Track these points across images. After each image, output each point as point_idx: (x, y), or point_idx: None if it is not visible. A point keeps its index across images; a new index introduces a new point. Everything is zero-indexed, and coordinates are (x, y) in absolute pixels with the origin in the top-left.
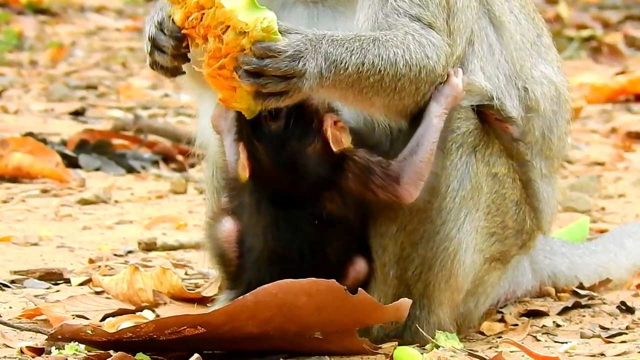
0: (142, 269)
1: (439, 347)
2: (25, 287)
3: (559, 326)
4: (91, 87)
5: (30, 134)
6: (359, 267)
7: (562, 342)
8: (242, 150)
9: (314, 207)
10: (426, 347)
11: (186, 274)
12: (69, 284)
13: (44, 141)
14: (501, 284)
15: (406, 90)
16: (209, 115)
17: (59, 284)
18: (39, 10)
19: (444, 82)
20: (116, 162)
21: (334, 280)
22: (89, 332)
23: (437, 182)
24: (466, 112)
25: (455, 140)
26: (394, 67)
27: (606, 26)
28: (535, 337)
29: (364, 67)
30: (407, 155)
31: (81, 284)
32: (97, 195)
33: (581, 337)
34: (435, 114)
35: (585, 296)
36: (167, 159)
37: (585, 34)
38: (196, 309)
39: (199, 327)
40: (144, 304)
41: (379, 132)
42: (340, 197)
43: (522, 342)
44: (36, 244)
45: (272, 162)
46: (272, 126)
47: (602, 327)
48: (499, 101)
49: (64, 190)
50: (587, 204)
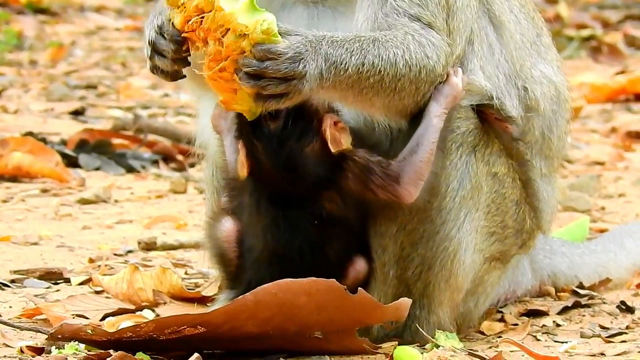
0: (142, 269)
1: (439, 346)
2: (25, 287)
3: (559, 326)
4: (91, 87)
5: (30, 134)
6: (358, 267)
7: (562, 342)
8: (241, 148)
9: (314, 206)
10: (426, 346)
11: (186, 273)
12: (69, 284)
13: (43, 141)
14: (501, 283)
15: (406, 90)
16: (209, 115)
17: (58, 284)
18: (38, 9)
19: (443, 82)
20: (116, 161)
21: (334, 279)
22: (89, 331)
23: (437, 182)
24: (466, 112)
25: (455, 139)
26: (394, 67)
27: (606, 26)
28: (535, 336)
29: (364, 67)
30: (407, 155)
31: (81, 284)
32: (97, 194)
33: (581, 337)
34: (435, 113)
35: (585, 296)
36: (167, 158)
37: (585, 33)
38: (196, 309)
39: (199, 327)
40: (143, 304)
41: (379, 132)
42: (340, 197)
43: (522, 342)
44: (36, 244)
45: (270, 161)
46: (271, 125)
47: (602, 327)
48: (499, 101)
49: (64, 189)
50: (587, 203)
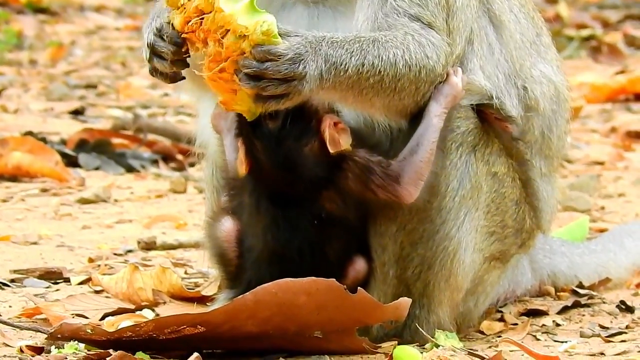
0: (142, 268)
1: (439, 346)
2: (24, 286)
3: (558, 325)
4: (91, 86)
5: (29, 133)
6: (358, 267)
7: (562, 342)
8: (240, 146)
9: (314, 206)
10: (426, 346)
11: (186, 273)
12: (69, 283)
13: (43, 140)
14: (501, 283)
15: (406, 90)
16: (209, 114)
17: (58, 283)
18: (38, 9)
19: (443, 82)
20: (116, 161)
21: (334, 279)
22: (89, 331)
23: (437, 182)
24: (466, 111)
25: (454, 139)
26: (394, 67)
27: (606, 25)
28: (534, 336)
29: (364, 68)
30: (407, 155)
31: (81, 283)
32: (97, 194)
33: (581, 337)
34: (435, 113)
35: (584, 295)
36: (167, 158)
37: (585, 33)
38: (196, 308)
39: (199, 326)
40: (143, 303)
41: (379, 132)
42: (340, 197)
43: (522, 342)
44: (36, 243)
45: (269, 160)
46: (270, 125)
47: (601, 327)
48: (499, 100)
49: (64, 189)
50: (586, 203)
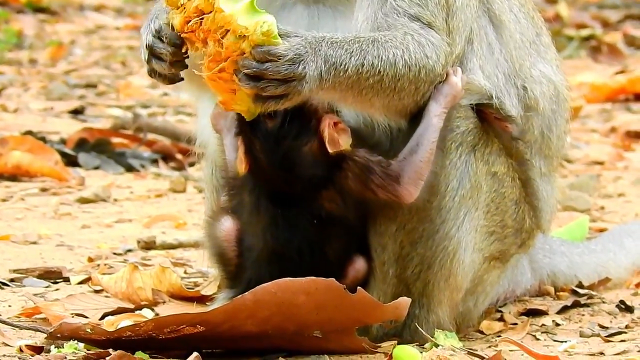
0: (142, 268)
1: (438, 346)
2: (24, 286)
3: (558, 325)
4: (90, 86)
5: (29, 133)
6: (358, 266)
7: (562, 341)
8: (240, 145)
9: (313, 206)
10: (425, 346)
11: (185, 272)
12: (68, 283)
13: (43, 140)
14: (500, 282)
15: (406, 90)
16: (208, 114)
17: (58, 283)
18: (38, 8)
19: (443, 81)
20: (115, 160)
21: (333, 279)
22: (88, 330)
23: (437, 181)
24: (465, 111)
25: (454, 139)
26: (394, 67)
27: (606, 25)
28: (534, 336)
29: (364, 68)
30: (407, 154)
31: (80, 283)
32: (97, 193)
33: (580, 336)
34: (434, 113)
35: (584, 295)
36: (167, 157)
37: (584, 33)
38: (195, 308)
39: (198, 326)
40: (143, 303)
41: (379, 132)
42: (339, 197)
43: (522, 341)
44: (35, 243)
45: (268, 159)
46: (269, 124)
47: (601, 326)
48: (498, 100)
49: (63, 188)
50: (586, 203)
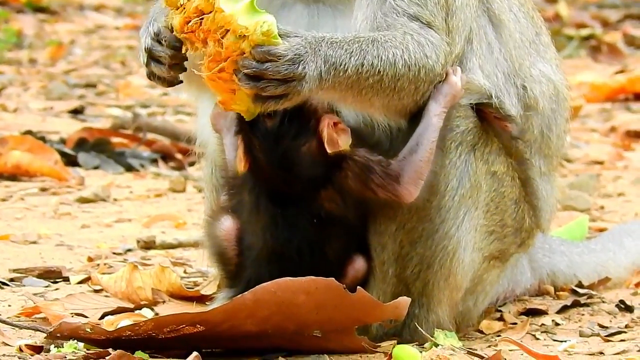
0: (141, 267)
1: (438, 345)
2: (24, 285)
3: (558, 325)
4: (90, 86)
5: (29, 132)
6: (358, 266)
7: (561, 341)
8: (239, 143)
9: (313, 205)
10: (425, 345)
11: (185, 272)
12: (68, 282)
13: (43, 139)
14: (500, 282)
15: (405, 90)
16: (208, 113)
17: (57, 282)
18: (38, 8)
19: (442, 81)
20: (115, 160)
21: (333, 278)
22: (88, 330)
23: (436, 181)
24: (465, 111)
25: (454, 138)
26: (393, 67)
27: (605, 25)
28: (534, 335)
29: (363, 68)
30: (407, 154)
31: (80, 282)
32: (96, 193)
33: (580, 336)
34: (434, 112)
35: (584, 295)
36: (166, 157)
37: (584, 32)
38: (195, 308)
39: (198, 326)
40: (142, 302)
41: (379, 132)
42: (339, 196)
43: (521, 341)
44: (35, 242)
45: (266, 158)
46: (268, 123)
47: (601, 326)
48: (498, 99)
49: (63, 188)
50: (586, 202)
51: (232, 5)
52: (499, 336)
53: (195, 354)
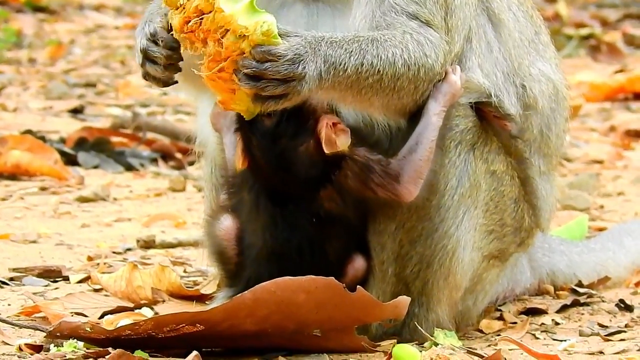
0: (141, 267)
1: (438, 344)
2: (24, 285)
3: (557, 324)
4: (90, 85)
5: (29, 132)
6: (357, 265)
7: (561, 340)
8: (238, 142)
9: (313, 205)
10: (425, 344)
11: (185, 271)
12: (68, 282)
13: (42, 139)
14: (500, 281)
15: (405, 89)
16: (208, 113)
17: (57, 282)
18: (37, 8)
19: (442, 80)
20: (115, 159)
21: (333, 277)
22: (88, 329)
23: (436, 180)
24: (464, 110)
25: (453, 137)
26: (393, 67)
27: (605, 24)
28: (534, 335)
29: (363, 67)
30: (407, 153)
31: (80, 282)
32: (96, 192)
33: (580, 335)
34: (433, 112)
35: (584, 294)
36: (166, 156)
37: (584, 32)
38: (195, 307)
39: (198, 325)
40: (142, 302)
41: (378, 131)
42: (339, 195)
43: (521, 340)
44: (35, 242)
45: (264, 157)
46: (266, 122)
47: (601, 325)
48: (497, 98)
49: (63, 187)
50: (586, 202)
51: (232, 5)
52: (499, 335)
53: (195, 353)
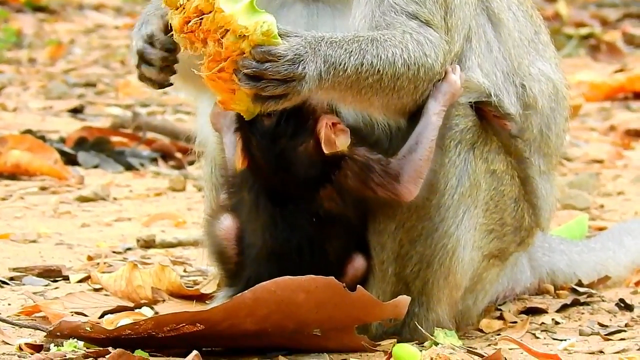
0: (141, 266)
1: (438, 344)
2: (24, 284)
3: (557, 323)
4: (90, 85)
5: (29, 132)
6: (357, 265)
7: (561, 340)
8: (238, 141)
9: (313, 204)
10: (425, 344)
11: (185, 271)
12: (68, 281)
13: (42, 138)
14: (500, 281)
15: (405, 89)
16: (208, 113)
17: (57, 281)
18: (37, 8)
19: (442, 80)
20: (115, 159)
21: (333, 277)
22: (88, 329)
23: (436, 179)
24: (464, 109)
25: (453, 137)
26: (393, 66)
27: (605, 24)
28: (534, 334)
29: (363, 67)
30: (407, 153)
31: (80, 281)
32: (96, 192)
33: (580, 335)
34: (433, 111)
35: (584, 293)
36: (166, 156)
37: (584, 31)
38: (195, 306)
39: (198, 324)
40: (142, 301)
41: (378, 131)
42: (339, 195)
43: (521, 340)
44: (35, 241)
45: (264, 157)
46: (266, 122)
47: (601, 325)
48: (497, 98)
49: (63, 187)
50: (586, 201)
51: (232, 5)
52: (499, 335)
53: (195, 352)
